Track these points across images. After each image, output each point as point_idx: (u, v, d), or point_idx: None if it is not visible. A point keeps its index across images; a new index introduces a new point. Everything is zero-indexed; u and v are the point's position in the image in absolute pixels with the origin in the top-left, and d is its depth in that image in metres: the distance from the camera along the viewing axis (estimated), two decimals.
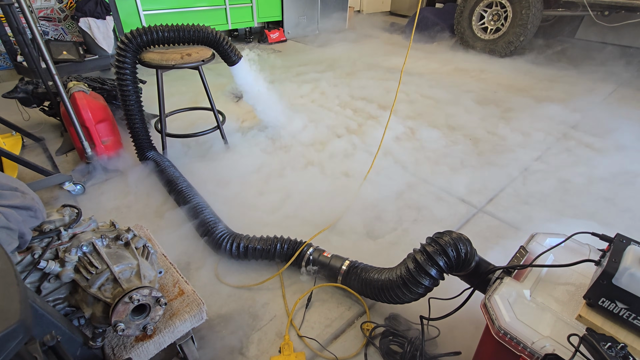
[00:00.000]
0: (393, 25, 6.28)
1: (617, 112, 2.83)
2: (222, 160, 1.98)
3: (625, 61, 4.20)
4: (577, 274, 0.93)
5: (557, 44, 5.03)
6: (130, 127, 1.84)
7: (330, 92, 3.08)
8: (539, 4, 3.92)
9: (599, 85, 3.40)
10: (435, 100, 2.96)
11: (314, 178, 1.90)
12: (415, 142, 2.31)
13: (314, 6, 5.13)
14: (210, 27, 1.81)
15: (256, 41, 4.83)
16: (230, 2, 4.22)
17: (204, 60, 1.80)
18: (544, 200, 1.81)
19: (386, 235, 1.59)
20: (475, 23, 4.43)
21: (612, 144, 2.36)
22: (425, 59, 4.17)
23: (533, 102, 2.96)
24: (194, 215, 1.49)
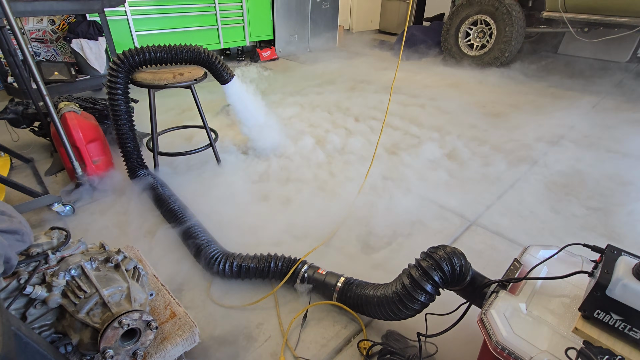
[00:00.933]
0: (382, 43, 6.45)
1: (604, 121, 2.92)
2: (215, 179, 1.98)
3: (605, 74, 4.36)
4: (571, 285, 0.93)
5: (541, 59, 5.20)
6: (121, 146, 1.83)
7: (322, 108, 3.12)
8: (521, 21, 4.07)
9: (584, 97, 3.50)
10: (428, 114, 3.01)
11: (307, 194, 1.90)
12: (406, 155, 2.34)
13: (304, 25, 5.25)
14: (202, 47, 1.84)
15: (248, 60, 4.91)
16: (223, 23, 4.30)
17: (196, 79, 1.82)
18: (536, 211, 1.83)
19: (381, 250, 1.58)
20: (461, 40, 4.57)
21: (604, 152, 2.42)
22: (418, 74, 4.26)
23: (523, 115, 3.03)
24: (186, 235, 1.47)
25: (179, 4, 3.88)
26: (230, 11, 4.34)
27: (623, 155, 2.40)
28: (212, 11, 4.16)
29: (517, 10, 4.02)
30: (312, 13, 5.22)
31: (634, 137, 2.67)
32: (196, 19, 4.08)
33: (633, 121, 2.97)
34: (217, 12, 4.18)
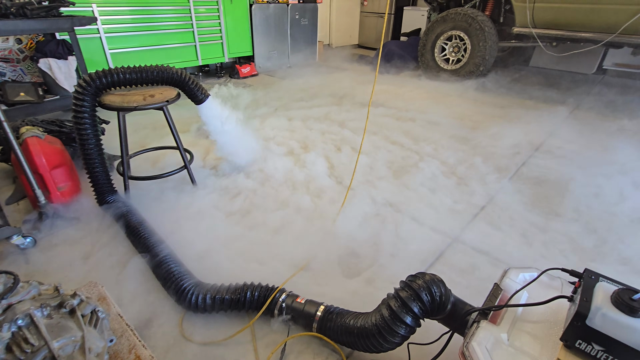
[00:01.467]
0: (362, 57, 6.55)
1: (578, 129, 3.03)
2: (190, 203, 1.90)
3: (574, 86, 4.55)
4: (552, 310, 0.91)
5: (514, 72, 5.39)
6: (89, 171, 1.74)
7: (303, 124, 3.10)
8: (494, 36, 4.21)
9: (557, 108, 3.63)
10: (405, 129, 3.03)
11: (286, 216, 1.85)
12: (385, 170, 2.33)
13: (284, 41, 5.28)
14: (174, 67, 1.79)
15: (227, 76, 4.87)
16: (200, 40, 4.27)
17: (168, 100, 1.76)
18: (515, 225, 1.84)
19: (362, 272, 1.54)
20: (437, 55, 4.68)
21: (581, 159, 2.49)
22: (401, 88, 4.32)
23: (499, 127, 3.10)
24: (157, 265, 1.39)
25: (155, 21, 3.82)
26: (208, 28, 4.32)
27: (599, 164, 2.47)
28: (190, 28, 4.13)
29: (489, 26, 4.16)
30: (291, 29, 5.26)
31: (609, 145, 2.76)
32: (173, 36, 4.03)
33: (605, 130, 3.08)
34: (194, 29, 4.15)
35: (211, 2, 4.22)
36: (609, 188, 2.15)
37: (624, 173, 2.32)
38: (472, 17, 4.18)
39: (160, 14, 3.84)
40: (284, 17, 5.08)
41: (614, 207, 1.98)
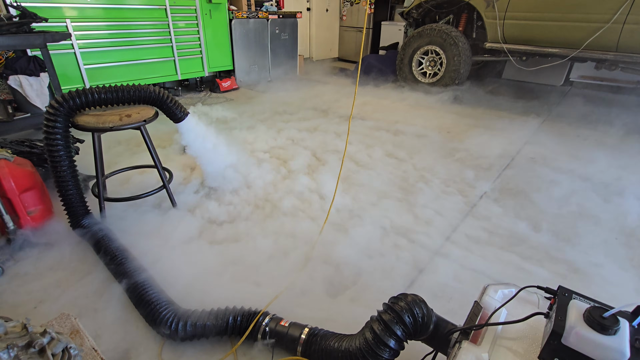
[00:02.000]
0: (342, 70, 6.65)
1: (552, 138, 3.17)
2: (169, 224, 1.85)
3: (544, 96, 4.78)
4: (530, 326, 0.93)
5: (488, 84, 5.60)
6: (62, 194, 1.68)
7: (286, 138, 3.10)
8: (467, 51, 4.38)
9: (529, 118, 3.80)
10: (382, 141, 3.08)
11: (268, 235, 1.83)
12: (364, 186, 2.35)
13: (264, 55, 5.31)
14: (152, 86, 1.76)
15: (208, 90, 4.84)
16: (180, 54, 4.24)
17: (145, 120, 1.73)
18: (495, 235, 1.88)
19: (346, 291, 1.53)
20: (415, 69, 4.82)
21: (557, 168, 2.60)
22: (384, 100, 4.41)
23: (480, 137, 3.21)
24: (135, 292, 1.35)
25: (133, 36, 3.77)
26: (188, 43, 4.30)
27: (571, 172, 2.58)
28: (168, 43, 4.09)
29: (462, 42, 4.33)
30: (271, 43, 5.30)
31: (580, 153, 2.90)
32: (151, 51, 3.98)
33: (574, 137, 3.23)
34: (173, 44, 4.12)
35: (190, 17, 4.21)
36: (584, 197, 2.25)
37: (587, 179, 2.44)
38: (447, 33, 4.34)
39: (137, 29, 3.80)
40: (264, 31, 5.12)
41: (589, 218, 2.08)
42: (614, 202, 2.20)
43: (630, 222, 2.01)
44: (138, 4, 3.71)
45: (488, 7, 4.02)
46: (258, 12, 4.90)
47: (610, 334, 0.70)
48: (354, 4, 7.26)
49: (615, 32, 3.36)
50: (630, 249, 1.81)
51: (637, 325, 0.75)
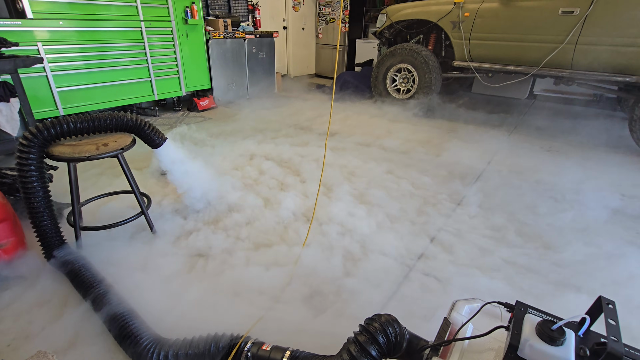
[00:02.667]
0: (320, 87, 6.81)
1: (521, 148, 3.38)
2: (148, 251, 1.84)
3: (511, 109, 5.07)
4: (494, 339, 1.01)
5: (458, 98, 5.88)
6: (35, 225, 1.65)
7: (266, 157, 3.14)
8: (437, 68, 4.61)
9: (498, 130, 4.02)
10: (362, 159, 3.18)
11: (250, 257, 1.86)
12: (342, 202, 2.42)
13: (242, 73, 5.37)
14: (128, 114, 1.78)
15: (185, 109, 4.84)
16: (156, 75, 4.24)
17: (122, 148, 1.74)
18: (469, 248, 1.98)
19: (327, 310, 1.57)
20: (389, 85, 5.01)
21: (529, 177, 2.76)
22: (361, 115, 4.54)
23: (456, 149, 3.38)
24: (115, 324, 1.34)
25: (108, 58, 3.76)
26: (164, 63, 4.31)
27: (537, 182, 2.75)
28: (144, 64, 4.09)
29: (432, 60, 4.55)
30: (248, 62, 5.38)
31: (543, 164, 3.10)
32: (127, 72, 3.97)
33: (536, 149, 3.45)
34: (149, 65, 4.12)
35: (167, 39, 4.24)
36: (547, 208, 2.40)
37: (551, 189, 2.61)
38: (417, 52, 4.55)
39: (112, 50, 3.79)
40: (241, 51, 5.20)
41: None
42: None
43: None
44: (113, 26, 3.71)
45: (454, 29, 4.27)
46: (235, 33, 4.98)
47: (558, 344, 0.78)
48: (329, 22, 7.48)
49: (569, 51, 3.64)
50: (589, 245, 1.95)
51: (583, 334, 0.84)
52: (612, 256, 1.94)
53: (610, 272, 1.81)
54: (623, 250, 1.99)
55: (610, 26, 3.35)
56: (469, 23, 4.16)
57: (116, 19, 3.72)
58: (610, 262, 1.89)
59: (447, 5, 4.29)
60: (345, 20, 7.20)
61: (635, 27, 3.23)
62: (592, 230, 2.17)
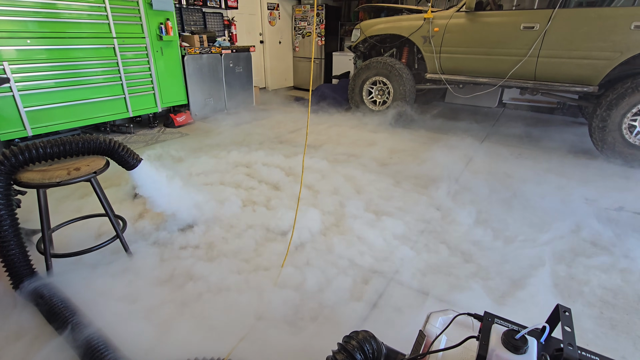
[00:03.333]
0: (298, 99, 6.88)
1: (494, 154, 3.53)
2: (124, 277, 1.79)
3: (482, 118, 5.29)
4: (466, 349, 1.05)
5: (433, 108, 6.08)
6: (3, 255, 1.59)
7: (247, 174, 3.14)
8: (411, 81, 4.77)
9: (472, 138, 4.18)
10: (338, 171, 3.23)
11: (229, 277, 1.84)
12: (320, 215, 2.45)
13: (219, 88, 5.37)
14: (101, 136, 1.76)
15: (162, 125, 4.77)
16: (130, 91, 4.17)
17: (95, 172, 1.71)
18: (441, 260, 2.04)
19: (309, 326, 1.58)
20: (365, 97, 5.13)
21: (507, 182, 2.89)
22: (339, 127, 4.61)
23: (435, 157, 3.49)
24: (89, 355, 1.30)
25: (79, 76, 3.68)
26: (138, 80, 4.25)
27: (513, 192, 2.87)
28: (118, 81, 4.03)
29: (406, 73, 4.71)
30: (226, 77, 5.39)
31: (515, 169, 3.25)
32: (99, 90, 3.89)
33: (507, 156, 3.61)
34: (123, 82, 4.06)
35: (141, 55, 4.20)
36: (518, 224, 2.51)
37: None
38: (391, 65, 4.70)
39: (84, 68, 3.71)
40: (217, 66, 5.21)
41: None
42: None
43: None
44: (85, 44, 3.65)
45: (425, 43, 4.45)
46: (211, 48, 4.99)
47: (522, 353, 0.83)
48: (305, 36, 7.61)
49: (532, 64, 3.86)
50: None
51: (544, 341, 0.89)
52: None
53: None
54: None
55: (567, 40, 3.58)
56: (438, 38, 4.34)
57: (88, 37, 3.66)
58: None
59: (417, 20, 4.47)
60: (321, 34, 7.35)
61: (589, 42, 3.48)
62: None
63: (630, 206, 2.69)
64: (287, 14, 7.60)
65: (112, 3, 3.75)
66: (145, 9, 4.08)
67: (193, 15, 5.45)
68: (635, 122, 3.44)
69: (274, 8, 7.23)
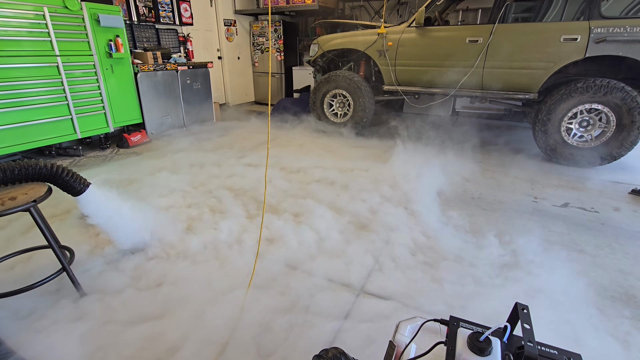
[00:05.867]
0: (260, 114, 6.83)
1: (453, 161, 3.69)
2: (74, 314, 1.63)
3: (437, 126, 5.56)
4: (436, 355, 1.06)
5: (391, 119, 6.29)
6: None
7: (207, 193, 3.03)
8: (370, 92, 4.91)
9: (430, 145, 4.36)
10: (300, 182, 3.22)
11: (191, 301, 1.74)
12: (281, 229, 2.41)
13: (176, 105, 5.20)
14: (41, 161, 1.62)
15: (115, 146, 4.52)
16: (78, 112, 3.92)
17: (35, 200, 1.56)
18: (413, 262, 2.08)
19: (279, 349, 1.52)
20: (327, 110, 5.20)
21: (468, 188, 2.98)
22: (304, 138, 4.61)
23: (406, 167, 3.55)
24: None
25: (18, 97, 3.40)
26: (87, 99, 4.01)
27: (479, 198, 3.00)
28: (63, 101, 3.77)
29: (364, 85, 4.85)
30: (183, 94, 5.24)
31: (473, 174, 3.39)
32: (42, 111, 3.62)
33: (464, 160, 3.79)
34: (69, 102, 3.80)
35: (88, 74, 3.97)
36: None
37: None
38: (350, 78, 4.82)
39: (24, 88, 3.44)
40: (174, 82, 5.06)
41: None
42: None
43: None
44: (24, 62, 3.40)
45: (381, 56, 4.62)
46: (166, 65, 4.85)
47: (487, 355, 0.84)
48: (264, 51, 7.64)
49: (478, 74, 4.13)
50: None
51: (507, 340, 0.92)
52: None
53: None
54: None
55: (508, 52, 3.89)
56: (392, 51, 4.53)
57: (28, 55, 3.41)
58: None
59: (372, 35, 4.64)
60: (280, 49, 7.41)
61: (526, 53, 3.79)
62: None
63: (575, 203, 2.92)
64: (245, 30, 7.60)
65: (55, 20, 3.54)
66: (92, 25, 3.89)
67: (145, 32, 5.29)
68: (571, 125, 3.77)
69: (231, 24, 7.21)
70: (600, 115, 3.61)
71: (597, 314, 1.73)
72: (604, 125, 3.61)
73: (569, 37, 3.54)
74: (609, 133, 3.60)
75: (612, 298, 1.85)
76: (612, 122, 3.56)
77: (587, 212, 2.75)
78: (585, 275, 2.00)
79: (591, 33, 3.44)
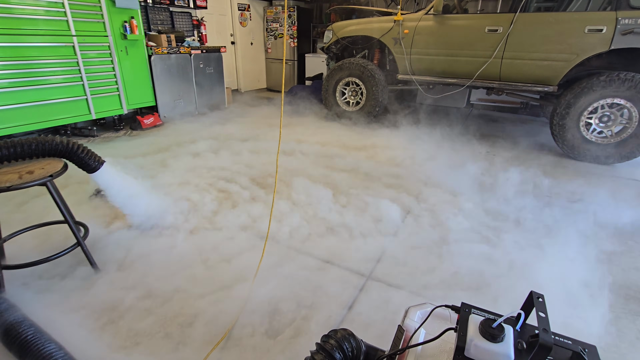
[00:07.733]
0: (270, 100, 6.81)
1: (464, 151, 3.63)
2: (87, 290, 1.67)
3: (451, 117, 5.46)
4: (445, 342, 1.05)
5: (405, 108, 6.20)
6: None
7: (218, 177, 3.04)
8: (383, 81, 4.84)
9: (444, 136, 4.30)
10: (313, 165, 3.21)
11: (201, 287, 1.76)
12: (294, 216, 2.42)
13: (189, 89, 5.21)
14: (58, 137, 1.64)
15: (128, 128, 4.56)
16: (92, 92, 3.95)
17: (52, 175, 1.59)
18: (422, 253, 2.07)
19: (286, 329, 1.54)
20: (339, 98, 5.15)
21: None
22: (318, 128, 4.59)
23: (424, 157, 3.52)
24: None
25: (35, 76, 3.44)
26: (102, 80, 4.04)
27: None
28: (79, 81, 3.81)
29: (378, 73, 4.77)
30: (196, 77, 5.24)
31: (484, 166, 3.35)
32: (59, 90, 3.66)
33: (478, 153, 3.73)
34: (84, 82, 3.84)
35: (104, 55, 3.99)
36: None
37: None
38: (364, 66, 4.75)
39: (41, 67, 3.48)
40: (187, 66, 5.05)
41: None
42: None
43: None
44: (41, 41, 3.42)
45: (396, 44, 4.53)
46: (180, 48, 4.84)
47: (499, 341, 0.83)
48: (277, 37, 7.56)
49: (496, 65, 4.02)
50: None
51: (520, 329, 0.90)
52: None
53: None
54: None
55: (528, 43, 3.76)
56: (408, 39, 4.44)
57: (45, 34, 3.44)
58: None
59: (388, 23, 4.54)
60: (294, 35, 7.33)
61: (548, 44, 3.67)
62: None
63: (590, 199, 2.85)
64: (259, 15, 7.52)
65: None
66: (108, 6, 3.88)
67: (160, 14, 5.27)
68: (591, 120, 3.66)
69: (245, 9, 7.14)
70: (622, 110, 3.49)
71: (612, 310, 1.70)
72: (626, 121, 3.50)
73: (594, 28, 3.41)
74: (630, 129, 3.48)
75: (627, 296, 1.81)
76: (634, 118, 3.44)
77: (602, 209, 2.68)
78: (600, 272, 1.96)
79: (618, 24, 3.30)
